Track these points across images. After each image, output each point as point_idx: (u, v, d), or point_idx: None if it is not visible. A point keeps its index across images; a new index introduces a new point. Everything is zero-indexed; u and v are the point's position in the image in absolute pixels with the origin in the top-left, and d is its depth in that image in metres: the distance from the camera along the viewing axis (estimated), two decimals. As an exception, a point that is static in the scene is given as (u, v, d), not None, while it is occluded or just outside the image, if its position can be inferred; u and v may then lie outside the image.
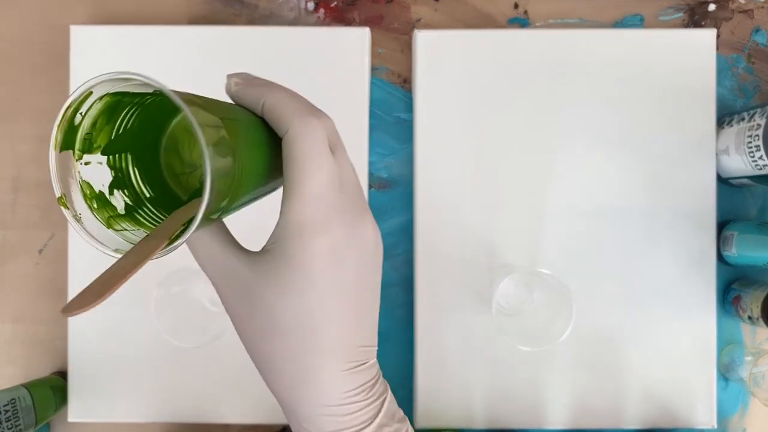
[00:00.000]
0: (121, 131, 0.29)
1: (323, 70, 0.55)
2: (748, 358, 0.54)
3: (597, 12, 0.58)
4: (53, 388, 0.55)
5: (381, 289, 0.31)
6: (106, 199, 0.29)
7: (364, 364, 0.28)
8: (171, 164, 0.31)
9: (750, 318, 0.53)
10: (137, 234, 0.28)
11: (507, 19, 0.58)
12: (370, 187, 0.57)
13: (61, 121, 0.27)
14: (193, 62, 0.55)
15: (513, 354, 0.54)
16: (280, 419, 0.55)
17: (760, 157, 0.49)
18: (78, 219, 0.27)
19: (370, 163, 0.57)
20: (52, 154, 0.26)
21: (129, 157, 0.30)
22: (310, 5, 0.58)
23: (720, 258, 0.56)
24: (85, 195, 0.28)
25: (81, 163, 0.28)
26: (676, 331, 0.55)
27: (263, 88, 0.27)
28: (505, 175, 0.55)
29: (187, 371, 0.55)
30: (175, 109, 0.30)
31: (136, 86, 0.27)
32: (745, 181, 0.53)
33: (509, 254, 0.55)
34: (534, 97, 0.55)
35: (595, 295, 0.55)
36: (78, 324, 0.55)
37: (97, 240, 0.26)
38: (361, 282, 0.28)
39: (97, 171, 0.29)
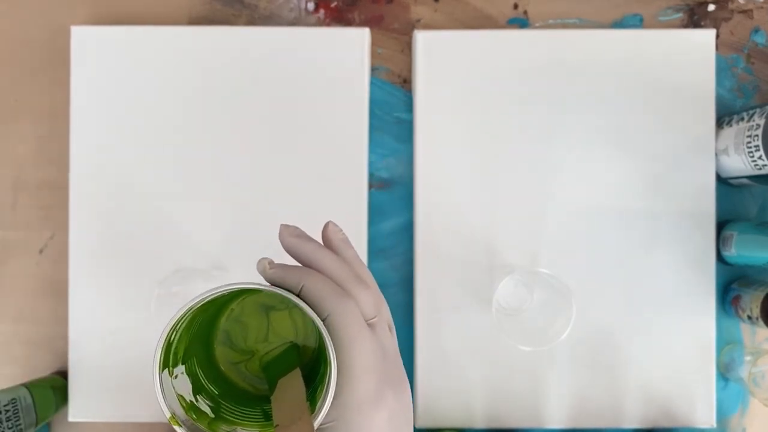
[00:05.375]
0: (190, 337, 0.29)
1: (323, 70, 0.55)
2: (748, 358, 0.54)
3: (596, 12, 0.58)
4: (54, 388, 0.55)
5: (381, 289, 0.32)
6: (197, 407, 0.28)
7: None
8: (226, 357, 0.32)
9: (750, 318, 0.53)
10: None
11: (507, 19, 0.58)
12: (370, 187, 0.57)
13: (165, 340, 0.26)
14: (193, 62, 0.55)
15: (513, 354, 0.54)
16: (280, 419, 0.55)
17: (760, 157, 0.49)
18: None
19: (370, 163, 0.57)
20: (157, 375, 0.26)
21: (195, 360, 0.30)
22: (310, 5, 0.58)
23: (719, 258, 0.56)
24: (184, 408, 0.27)
25: (173, 378, 0.27)
26: (676, 331, 0.55)
27: (300, 273, 0.28)
28: (505, 175, 0.55)
29: (187, 371, 0.55)
30: (223, 305, 0.31)
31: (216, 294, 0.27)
32: (745, 181, 0.53)
33: (509, 254, 0.55)
34: (534, 98, 0.55)
35: (595, 295, 0.55)
36: (78, 324, 0.55)
37: None
38: None
39: (183, 382, 0.28)
